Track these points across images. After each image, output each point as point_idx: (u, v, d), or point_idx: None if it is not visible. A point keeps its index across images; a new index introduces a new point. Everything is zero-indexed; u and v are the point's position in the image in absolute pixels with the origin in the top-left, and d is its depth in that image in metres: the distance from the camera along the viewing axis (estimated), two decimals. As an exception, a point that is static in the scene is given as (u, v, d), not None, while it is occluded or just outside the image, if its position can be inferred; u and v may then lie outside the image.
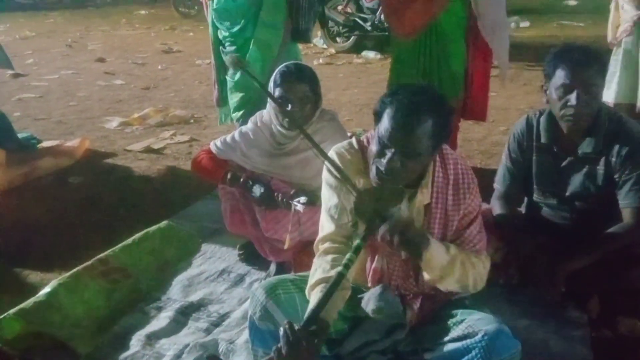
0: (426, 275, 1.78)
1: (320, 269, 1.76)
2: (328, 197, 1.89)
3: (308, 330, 1.56)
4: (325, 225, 1.87)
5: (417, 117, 1.69)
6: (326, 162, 1.85)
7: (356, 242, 1.68)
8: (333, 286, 1.61)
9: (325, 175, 1.91)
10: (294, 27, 3.44)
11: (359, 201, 1.71)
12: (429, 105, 1.71)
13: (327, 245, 1.82)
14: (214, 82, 3.81)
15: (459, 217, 1.86)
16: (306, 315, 1.61)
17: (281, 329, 1.56)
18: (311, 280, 1.76)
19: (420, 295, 1.89)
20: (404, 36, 3.45)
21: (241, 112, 3.50)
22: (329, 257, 1.77)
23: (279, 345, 1.54)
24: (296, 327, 1.55)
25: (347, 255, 1.65)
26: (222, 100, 3.76)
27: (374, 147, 1.76)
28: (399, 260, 1.86)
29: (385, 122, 1.72)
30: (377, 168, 1.74)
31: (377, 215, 1.67)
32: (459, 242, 1.86)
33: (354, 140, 1.93)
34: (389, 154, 1.71)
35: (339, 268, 1.63)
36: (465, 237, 1.87)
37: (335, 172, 1.82)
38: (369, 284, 1.89)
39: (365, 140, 1.89)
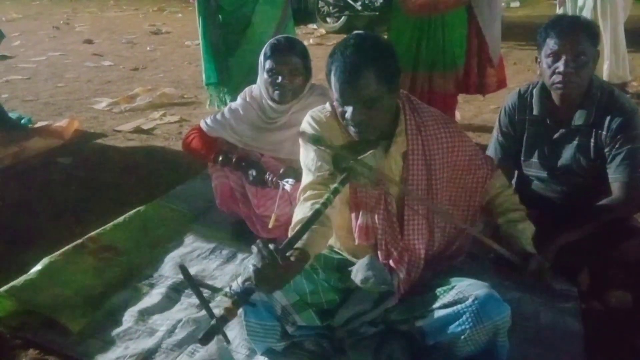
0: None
1: (300, 213, 1.79)
2: (305, 154, 1.95)
3: (285, 253, 1.59)
4: (305, 178, 1.92)
5: (356, 69, 1.75)
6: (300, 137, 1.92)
7: (334, 185, 1.74)
8: (310, 220, 1.66)
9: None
10: (298, 7, 3.46)
11: (336, 157, 1.79)
12: (364, 52, 1.77)
13: (307, 193, 1.86)
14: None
15: (451, 160, 1.95)
16: (284, 242, 1.63)
17: (253, 247, 1.57)
18: (292, 224, 1.78)
19: (406, 257, 1.91)
20: (412, 12, 3.49)
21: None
22: (309, 202, 1.80)
23: (254, 263, 1.55)
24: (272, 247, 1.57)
25: (326, 195, 1.71)
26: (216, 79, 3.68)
27: (338, 110, 1.83)
28: (382, 214, 1.90)
29: (334, 85, 1.80)
30: (350, 127, 1.82)
31: (354, 162, 1.75)
32: (477, 179, 2.02)
33: (327, 103, 1.99)
34: (349, 111, 1.78)
35: (317, 206, 1.68)
36: (479, 172, 2.02)
37: (310, 143, 1.87)
38: (356, 242, 1.92)
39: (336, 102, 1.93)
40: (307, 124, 1.95)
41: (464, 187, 2.03)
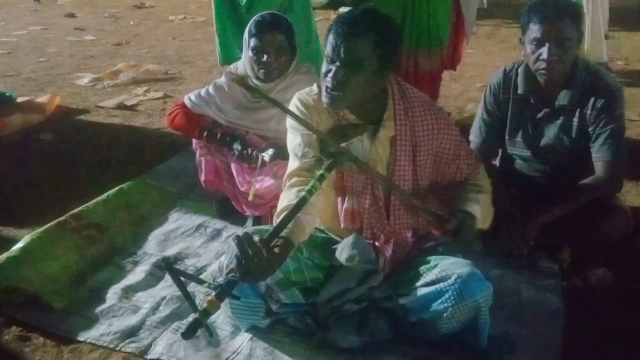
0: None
1: (286, 200, 1.78)
2: (292, 139, 1.92)
3: (269, 243, 1.59)
4: (291, 164, 1.91)
5: (357, 26, 1.74)
6: (288, 115, 1.88)
7: (320, 172, 1.72)
8: (296, 208, 1.65)
9: (288, 120, 1.94)
10: None
11: (322, 142, 1.78)
12: (371, 18, 1.77)
13: (293, 180, 1.85)
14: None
15: (436, 146, 1.92)
16: (269, 232, 1.63)
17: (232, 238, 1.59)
18: (277, 210, 1.78)
19: (392, 239, 1.91)
20: None
21: None
22: (295, 189, 1.80)
23: (237, 253, 1.56)
24: (256, 239, 1.58)
25: (311, 183, 1.70)
26: (223, 58, 3.57)
27: (323, 69, 1.80)
28: (369, 199, 1.89)
29: (329, 39, 1.76)
30: (326, 87, 1.78)
31: (340, 151, 1.75)
32: (460, 169, 1.98)
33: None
34: (333, 68, 1.74)
35: (303, 193, 1.68)
36: (463, 163, 1.99)
37: (296, 121, 1.85)
38: (342, 225, 1.91)
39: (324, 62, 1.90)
40: (293, 106, 1.92)
41: (445, 174, 2.00)
